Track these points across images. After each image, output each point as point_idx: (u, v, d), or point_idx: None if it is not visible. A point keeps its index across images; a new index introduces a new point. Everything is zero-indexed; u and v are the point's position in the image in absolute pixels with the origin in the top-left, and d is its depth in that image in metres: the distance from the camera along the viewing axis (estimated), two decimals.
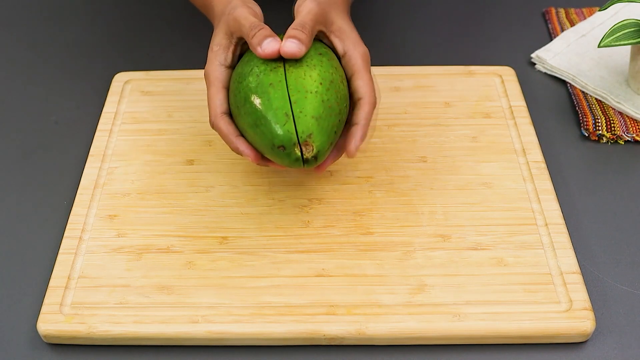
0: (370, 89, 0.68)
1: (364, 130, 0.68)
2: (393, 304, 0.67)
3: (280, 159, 0.66)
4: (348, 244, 0.72)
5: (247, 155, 0.69)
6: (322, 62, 0.68)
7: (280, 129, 0.65)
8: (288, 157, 0.66)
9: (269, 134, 0.66)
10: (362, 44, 0.70)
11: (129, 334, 0.65)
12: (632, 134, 0.83)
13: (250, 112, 0.67)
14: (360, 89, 0.68)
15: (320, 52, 0.69)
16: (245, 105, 0.67)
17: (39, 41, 0.99)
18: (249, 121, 0.67)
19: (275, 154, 0.66)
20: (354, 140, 0.68)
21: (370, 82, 0.69)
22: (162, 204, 0.76)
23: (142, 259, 0.71)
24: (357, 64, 0.69)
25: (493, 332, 0.65)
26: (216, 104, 0.70)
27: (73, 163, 0.82)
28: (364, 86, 0.68)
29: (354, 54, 0.69)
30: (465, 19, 1.01)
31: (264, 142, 0.66)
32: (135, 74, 0.90)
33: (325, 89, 0.66)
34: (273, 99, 0.66)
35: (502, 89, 0.87)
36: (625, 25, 0.81)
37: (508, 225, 0.73)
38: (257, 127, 0.66)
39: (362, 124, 0.68)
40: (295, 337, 0.65)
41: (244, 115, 0.67)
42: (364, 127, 0.68)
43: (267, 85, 0.66)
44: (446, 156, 0.80)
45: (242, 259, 0.71)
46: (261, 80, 0.67)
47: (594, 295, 0.69)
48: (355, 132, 0.68)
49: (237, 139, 0.69)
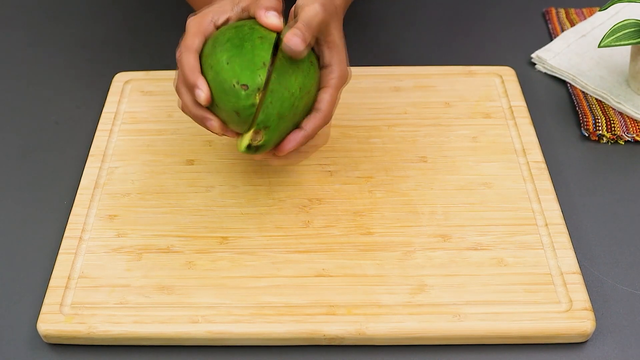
0: (330, 106, 0.69)
1: (305, 138, 0.69)
2: (393, 304, 0.67)
3: (232, 97, 0.65)
4: (348, 244, 0.72)
5: (202, 98, 0.66)
6: (309, 72, 0.68)
7: (253, 70, 0.65)
8: (240, 99, 0.65)
9: (238, 69, 0.65)
10: (345, 64, 0.71)
11: (129, 334, 0.65)
12: (632, 134, 0.83)
13: (228, 48, 0.66)
14: (322, 102, 0.69)
15: (312, 60, 0.69)
16: (226, 44, 0.66)
17: (39, 41, 0.99)
18: (223, 57, 0.66)
19: (232, 91, 0.65)
20: (291, 142, 0.68)
21: (334, 100, 0.70)
22: (162, 204, 0.76)
23: (142, 259, 0.71)
24: (333, 79, 0.70)
25: (493, 332, 0.65)
26: (193, 41, 0.68)
27: (73, 163, 0.82)
28: (328, 102, 0.69)
29: (335, 70, 0.70)
30: (465, 19, 1.01)
31: (228, 76, 0.65)
32: (135, 74, 0.90)
33: (300, 96, 0.67)
34: (258, 47, 0.66)
35: (502, 89, 0.87)
36: (626, 26, 0.81)
37: (508, 225, 0.73)
38: (229, 62, 0.65)
39: (307, 132, 0.69)
40: (295, 337, 0.65)
41: (218, 52, 0.66)
42: (306, 136, 0.69)
43: (256, 37, 0.66)
44: (446, 156, 0.80)
45: (242, 259, 0.71)
46: (252, 32, 0.67)
47: (594, 295, 0.69)
48: (296, 135, 0.69)
49: (199, 75, 0.67)
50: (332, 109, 0.70)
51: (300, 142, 0.69)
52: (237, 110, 0.65)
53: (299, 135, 0.68)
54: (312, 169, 0.79)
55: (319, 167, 0.79)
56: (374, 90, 0.87)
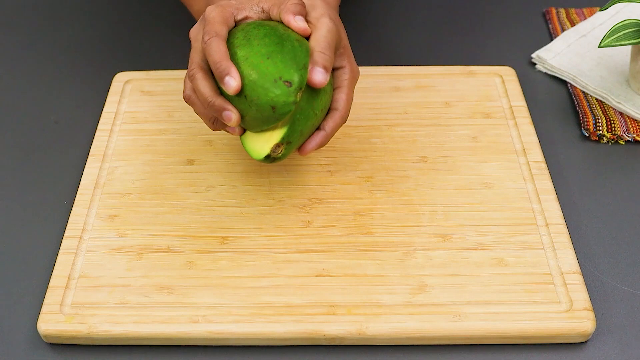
0: (347, 105, 0.70)
1: (326, 138, 0.70)
2: (393, 304, 0.67)
3: (272, 91, 0.64)
4: (348, 244, 0.72)
5: (233, 86, 0.65)
6: (328, 91, 0.69)
7: (297, 70, 0.65)
8: (282, 95, 0.64)
9: (281, 65, 0.65)
10: (355, 62, 0.72)
11: (129, 334, 0.65)
12: (633, 134, 0.83)
13: (267, 43, 0.66)
14: (339, 101, 0.70)
15: (330, 80, 0.70)
16: (264, 38, 0.66)
17: (39, 41, 0.99)
18: (262, 50, 0.66)
19: (273, 85, 0.64)
20: (312, 142, 0.69)
21: (350, 99, 0.71)
22: (162, 204, 0.76)
23: (142, 259, 0.71)
24: (347, 79, 0.71)
25: (493, 332, 0.65)
26: (221, 29, 0.67)
27: (73, 163, 0.82)
28: (344, 100, 0.70)
29: (347, 71, 0.71)
30: (465, 19, 1.01)
31: (269, 70, 0.65)
32: (135, 74, 0.90)
33: (321, 116, 0.69)
34: (298, 49, 0.66)
35: (503, 89, 0.87)
36: (626, 25, 0.81)
37: (508, 225, 0.73)
38: (270, 57, 0.65)
39: (327, 132, 0.70)
40: (295, 337, 0.65)
41: (255, 45, 0.66)
42: (327, 136, 0.70)
43: (294, 39, 0.67)
44: (446, 156, 0.80)
45: (242, 259, 0.71)
46: (289, 34, 0.67)
47: (594, 295, 0.69)
48: (317, 136, 0.70)
49: (231, 63, 0.66)
50: (348, 107, 0.71)
51: (322, 143, 0.70)
52: (274, 105, 0.65)
53: (319, 136, 0.70)
54: (312, 169, 0.79)
55: (319, 167, 0.79)
56: (374, 90, 0.87)
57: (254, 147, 0.69)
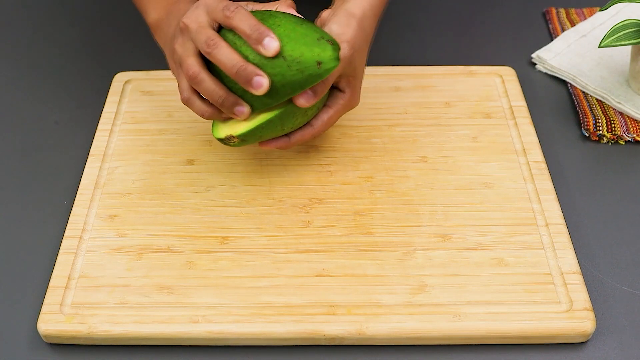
0: (324, 126, 0.73)
1: (287, 145, 0.73)
2: (393, 304, 0.67)
3: (317, 48, 0.65)
4: (348, 244, 0.72)
5: (274, 45, 0.65)
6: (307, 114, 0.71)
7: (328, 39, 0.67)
8: (327, 50, 0.65)
9: (318, 30, 0.67)
10: (358, 93, 0.74)
11: (129, 334, 0.65)
12: (633, 134, 0.83)
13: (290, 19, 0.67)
14: (319, 120, 0.73)
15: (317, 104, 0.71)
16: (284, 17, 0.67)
17: (39, 41, 0.99)
18: (291, 19, 0.67)
19: (316, 44, 0.65)
20: (273, 142, 0.73)
21: (331, 123, 0.74)
22: (162, 204, 0.76)
23: (142, 259, 0.71)
24: (340, 104, 0.73)
25: (493, 332, 0.65)
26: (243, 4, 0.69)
27: (73, 163, 0.82)
28: (324, 122, 0.73)
29: (345, 97, 0.73)
30: (465, 19, 1.01)
31: (309, 32, 0.66)
32: (135, 74, 0.90)
33: (288, 132, 0.72)
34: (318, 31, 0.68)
35: (503, 89, 0.87)
36: (626, 26, 0.81)
37: (508, 225, 0.73)
38: (302, 25, 0.67)
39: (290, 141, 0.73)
40: (295, 337, 0.65)
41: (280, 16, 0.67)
42: (289, 143, 0.73)
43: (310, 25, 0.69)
44: (446, 156, 0.80)
45: (242, 259, 0.71)
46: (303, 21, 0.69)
47: (594, 295, 0.69)
48: (280, 140, 0.73)
49: (267, 27, 0.65)
50: (324, 128, 0.73)
51: (282, 147, 0.73)
52: (321, 60, 0.65)
53: (282, 140, 0.73)
54: (312, 169, 0.79)
55: (319, 167, 0.79)
56: (374, 90, 0.87)
57: (218, 125, 0.72)
